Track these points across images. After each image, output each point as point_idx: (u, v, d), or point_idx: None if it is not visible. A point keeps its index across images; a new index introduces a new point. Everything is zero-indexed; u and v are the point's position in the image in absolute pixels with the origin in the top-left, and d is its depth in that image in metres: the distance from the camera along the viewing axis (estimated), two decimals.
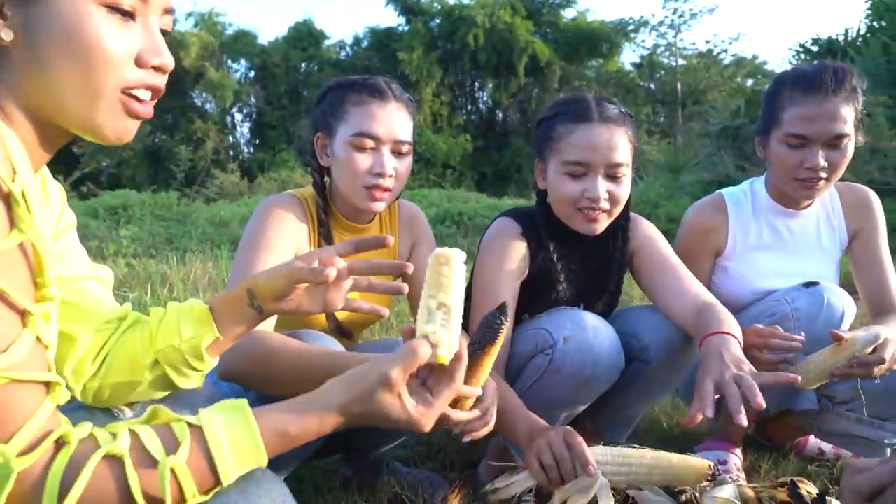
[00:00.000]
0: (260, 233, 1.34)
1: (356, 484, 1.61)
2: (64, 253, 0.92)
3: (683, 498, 1.43)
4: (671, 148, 11.75)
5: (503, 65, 20.81)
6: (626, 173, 1.47)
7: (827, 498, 1.33)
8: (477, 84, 22.84)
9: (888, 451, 1.62)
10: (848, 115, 1.56)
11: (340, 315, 1.43)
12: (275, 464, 1.30)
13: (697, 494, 1.43)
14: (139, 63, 0.76)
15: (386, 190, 1.39)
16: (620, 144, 1.45)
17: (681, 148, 11.34)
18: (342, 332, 1.45)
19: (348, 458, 1.65)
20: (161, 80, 0.79)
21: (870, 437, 1.64)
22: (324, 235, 1.43)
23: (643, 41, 26.47)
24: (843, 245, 1.77)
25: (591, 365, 1.40)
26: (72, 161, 16.22)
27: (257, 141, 21.91)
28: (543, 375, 1.46)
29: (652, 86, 23.17)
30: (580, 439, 1.26)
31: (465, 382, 1.07)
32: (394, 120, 1.40)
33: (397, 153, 1.42)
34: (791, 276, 1.70)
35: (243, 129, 22.99)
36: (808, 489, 1.40)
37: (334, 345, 1.27)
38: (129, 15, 0.75)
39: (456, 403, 1.07)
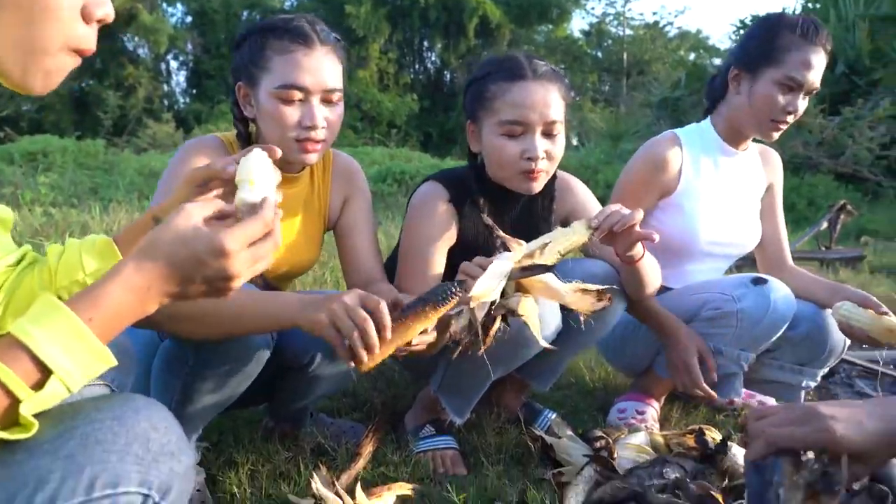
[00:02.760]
0: (173, 173, 1.27)
1: (278, 434, 1.59)
2: None
3: (598, 444, 1.48)
4: (613, 116, 11.93)
5: (453, 24, 20.46)
6: (561, 130, 1.47)
7: (728, 443, 1.41)
8: (426, 43, 22.40)
9: (802, 394, 1.72)
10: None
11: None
12: (191, 414, 1.29)
13: (611, 441, 1.49)
14: (85, 17, 0.71)
15: (318, 142, 1.33)
16: (555, 101, 1.44)
17: (623, 116, 11.54)
18: (269, 287, 1.41)
19: (271, 408, 1.63)
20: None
21: (790, 382, 1.75)
22: None
23: (592, 8, 26.53)
24: (762, 194, 1.88)
25: None
26: None
27: (194, 91, 20.88)
28: None
29: (599, 54, 23.35)
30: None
31: (393, 333, 1.07)
32: (321, 67, 1.31)
33: (327, 102, 1.34)
34: (730, 220, 1.78)
35: (179, 78, 21.90)
36: (714, 436, 1.47)
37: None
38: None
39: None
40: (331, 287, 3.11)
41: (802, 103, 1.66)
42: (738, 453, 1.44)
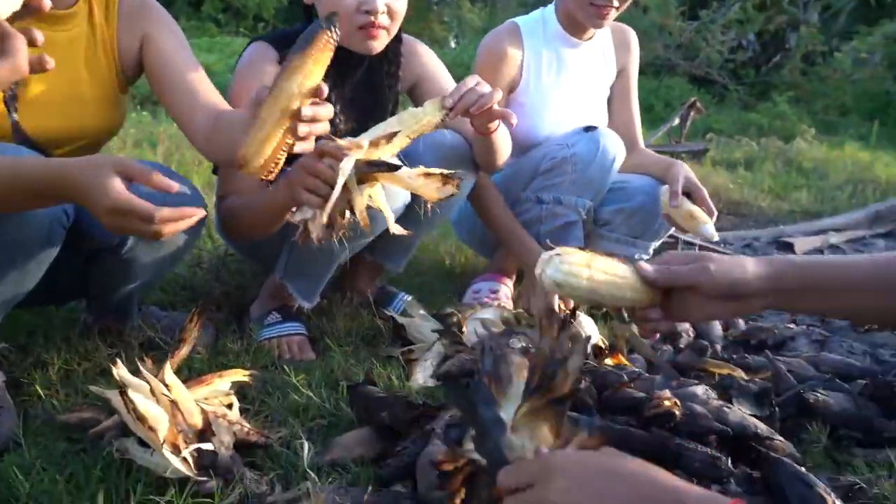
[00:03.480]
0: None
1: (98, 330, 1.42)
2: None
3: (449, 321, 1.46)
4: (489, 12, 11.72)
5: None
6: None
7: (577, 313, 1.45)
8: None
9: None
10: None
11: (29, 125, 1.16)
12: None
13: (462, 317, 1.47)
14: None
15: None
16: None
17: (498, 14, 11.35)
18: (33, 147, 1.15)
19: (88, 302, 1.44)
20: None
21: (624, 254, 1.81)
22: None
23: None
24: (612, 81, 1.85)
25: None
26: None
27: None
28: None
29: None
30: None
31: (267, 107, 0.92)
32: None
33: None
34: (574, 113, 1.74)
35: None
36: (562, 306, 1.51)
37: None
38: None
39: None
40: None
41: None
42: (585, 322, 1.49)
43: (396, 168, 1.05)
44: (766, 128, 6.48)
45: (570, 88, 1.77)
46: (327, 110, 0.96)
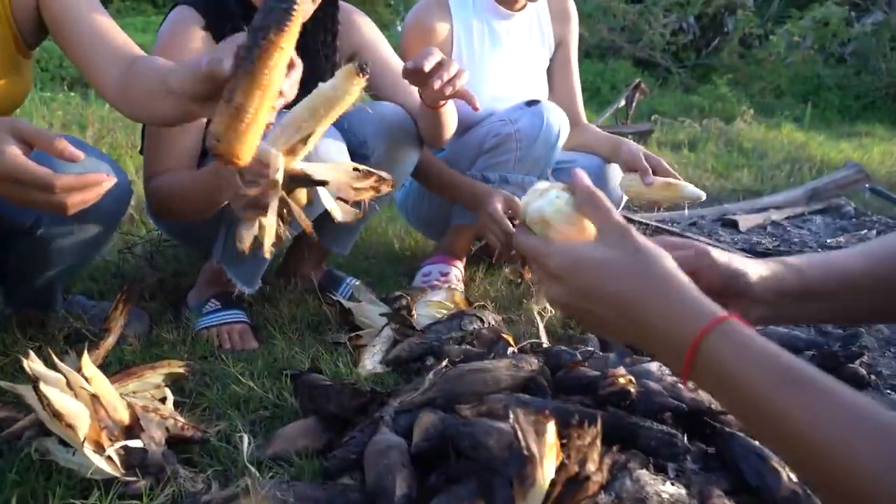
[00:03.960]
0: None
1: (17, 321, 1.30)
2: None
3: (398, 304, 1.41)
4: None
5: None
6: None
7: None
8: None
9: None
10: None
11: None
12: None
13: (411, 301, 1.43)
14: None
15: None
16: None
17: None
18: None
19: (5, 291, 1.32)
20: None
21: None
22: None
23: None
24: (550, 52, 1.82)
25: None
26: None
27: None
28: None
29: None
30: None
31: (246, 94, 0.79)
32: None
33: None
34: (511, 86, 1.70)
35: None
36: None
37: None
38: None
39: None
40: None
41: None
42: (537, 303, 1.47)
43: (323, 183, 0.97)
44: (708, 110, 6.64)
45: (506, 61, 1.72)
46: (297, 75, 0.86)
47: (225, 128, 0.80)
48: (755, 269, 0.76)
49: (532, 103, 1.60)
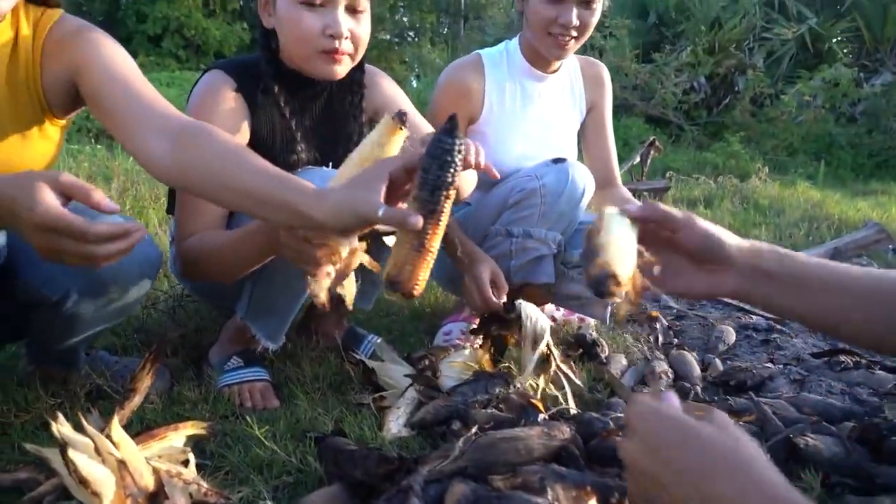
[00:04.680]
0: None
1: (40, 378, 1.30)
2: None
3: (422, 365, 1.40)
4: (451, 55, 11.93)
5: None
6: (367, 9, 1.31)
7: (553, 352, 1.40)
8: None
9: (608, 309, 1.76)
10: None
11: None
12: None
13: (435, 361, 1.41)
14: None
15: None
16: None
17: (460, 55, 11.59)
18: None
19: (28, 349, 1.33)
20: None
21: (590, 298, 1.77)
22: None
23: None
24: (582, 116, 1.84)
25: None
26: None
27: None
28: None
29: None
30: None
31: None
32: None
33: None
34: (540, 145, 1.72)
35: None
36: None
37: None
38: None
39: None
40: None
41: (586, 13, 1.58)
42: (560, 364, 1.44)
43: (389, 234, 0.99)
44: (721, 166, 6.67)
45: (537, 121, 1.75)
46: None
47: (413, 270, 0.88)
48: (735, 240, 0.86)
49: (558, 161, 1.62)
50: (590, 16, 1.59)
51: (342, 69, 1.31)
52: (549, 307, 1.99)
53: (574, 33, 1.58)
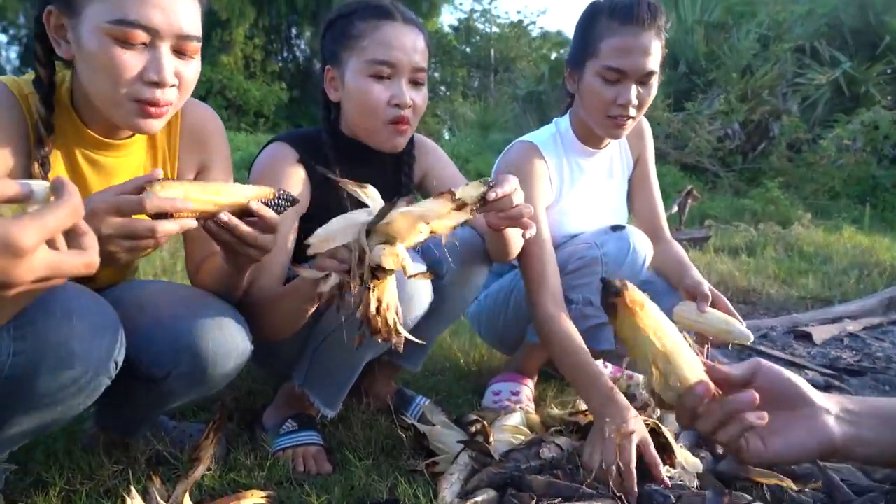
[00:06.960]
0: None
1: (103, 444, 1.33)
2: None
3: (473, 429, 1.39)
4: (483, 108, 12.19)
5: (322, 13, 19.88)
6: (426, 81, 1.38)
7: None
8: (294, 31, 21.59)
9: None
10: (657, 51, 1.52)
11: None
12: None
13: (486, 424, 1.41)
14: None
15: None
16: (422, 48, 1.38)
17: (491, 109, 11.81)
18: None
19: (98, 412, 1.36)
20: None
21: None
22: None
23: (461, 3, 27.14)
24: (629, 173, 1.84)
25: None
26: None
27: (29, 70, 18.56)
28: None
29: (468, 49, 23.77)
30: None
31: None
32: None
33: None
34: (594, 214, 1.72)
35: (10, 55, 19.40)
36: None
37: None
38: None
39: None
40: (180, 279, 2.80)
41: (643, 91, 1.52)
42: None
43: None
44: (760, 213, 6.58)
45: (589, 191, 1.75)
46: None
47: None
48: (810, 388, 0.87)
49: (617, 228, 1.61)
50: (647, 92, 1.53)
51: (404, 140, 1.37)
52: (597, 362, 1.97)
53: (633, 112, 1.53)
